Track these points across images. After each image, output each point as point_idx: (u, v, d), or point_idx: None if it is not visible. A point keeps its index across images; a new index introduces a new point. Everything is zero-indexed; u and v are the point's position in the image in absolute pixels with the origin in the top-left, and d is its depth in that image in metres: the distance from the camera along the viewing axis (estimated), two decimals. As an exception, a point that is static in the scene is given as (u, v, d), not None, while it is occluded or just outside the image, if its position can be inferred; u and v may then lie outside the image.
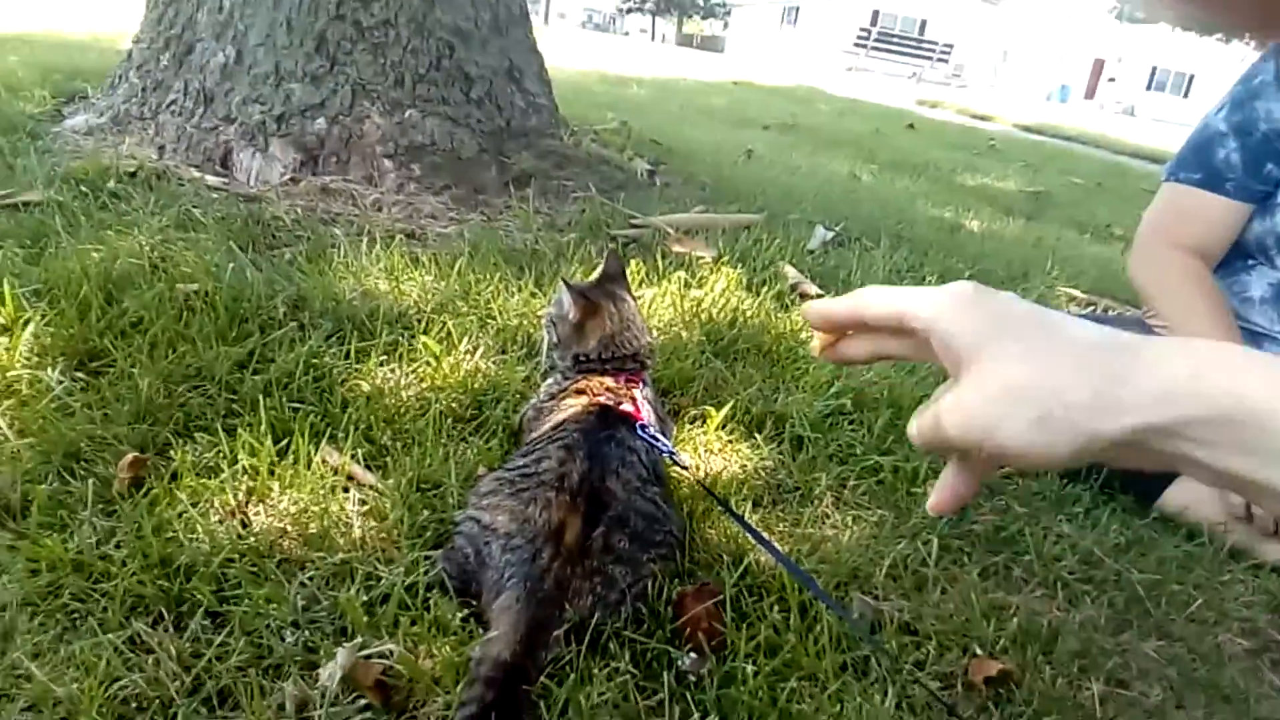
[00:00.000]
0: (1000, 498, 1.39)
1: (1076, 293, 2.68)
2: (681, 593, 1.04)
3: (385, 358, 1.49)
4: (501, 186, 2.57)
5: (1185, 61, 35.69)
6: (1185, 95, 36.12)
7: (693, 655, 0.97)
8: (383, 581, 1.01)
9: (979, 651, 1.04)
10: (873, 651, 1.00)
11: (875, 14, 35.11)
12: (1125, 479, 1.42)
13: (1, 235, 1.72)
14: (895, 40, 27.20)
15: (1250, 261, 1.54)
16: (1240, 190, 1.48)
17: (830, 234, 2.72)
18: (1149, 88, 36.93)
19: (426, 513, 1.12)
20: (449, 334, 1.57)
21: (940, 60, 25.29)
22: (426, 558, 1.04)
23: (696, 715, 0.89)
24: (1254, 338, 1.50)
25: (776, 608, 1.05)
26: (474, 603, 0.96)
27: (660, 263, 2.05)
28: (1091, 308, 2.59)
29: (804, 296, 2.11)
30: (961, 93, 20.61)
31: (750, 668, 0.93)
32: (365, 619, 0.95)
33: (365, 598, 0.98)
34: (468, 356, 1.51)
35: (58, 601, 0.92)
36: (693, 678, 0.95)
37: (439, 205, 2.39)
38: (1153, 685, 1.04)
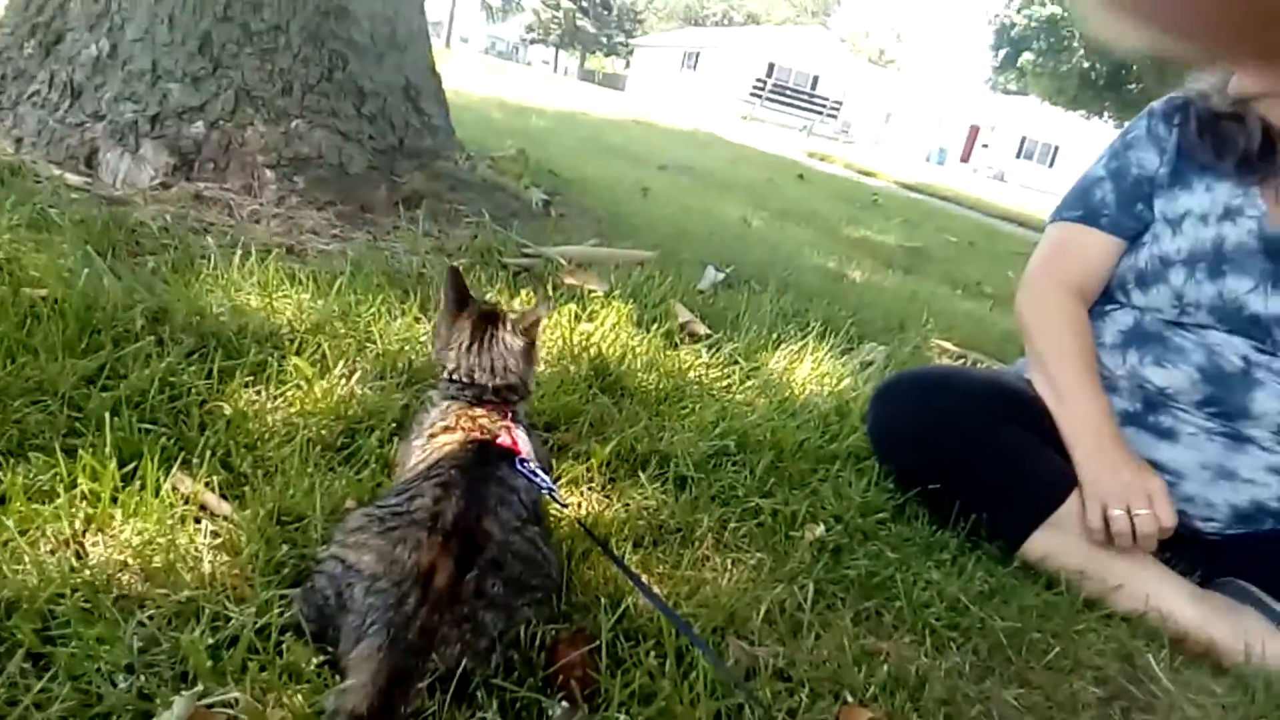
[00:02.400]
0: (874, 543, 1.41)
1: (949, 345, 2.80)
2: (555, 638, 1.00)
3: (251, 379, 1.40)
4: (390, 206, 2.49)
5: (1052, 134, 38.53)
6: (1050, 165, 38.94)
7: (564, 704, 0.94)
8: (232, 622, 0.93)
9: (850, 699, 1.04)
10: (746, 699, 0.99)
11: (771, 66, 36.48)
12: (992, 527, 1.47)
13: None
14: (789, 93, 28.24)
15: (1109, 306, 1.64)
16: (1114, 225, 1.61)
17: (721, 275, 2.76)
18: (1018, 156, 39.64)
19: (286, 548, 1.05)
20: (324, 356, 1.49)
21: (830, 116, 26.40)
22: (282, 597, 0.96)
23: (564, 769, 0.85)
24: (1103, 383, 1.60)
25: (653, 653, 1.02)
26: (331, 649, 0.90)
27: (551, 294, 2.03)
28: (962, 360, 2.71)
29: (693, 336, 2.13)
30: (849, 148, 21.55)
31: (623, 717, 0.90)
32: (209, 663, 0.87)
33: (211, 640, 0.90)
34: (342, 381, 1.44)
35: None
36: (561, 723, 0.91)
37: (322, 221, 2.29)
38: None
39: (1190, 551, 1.50)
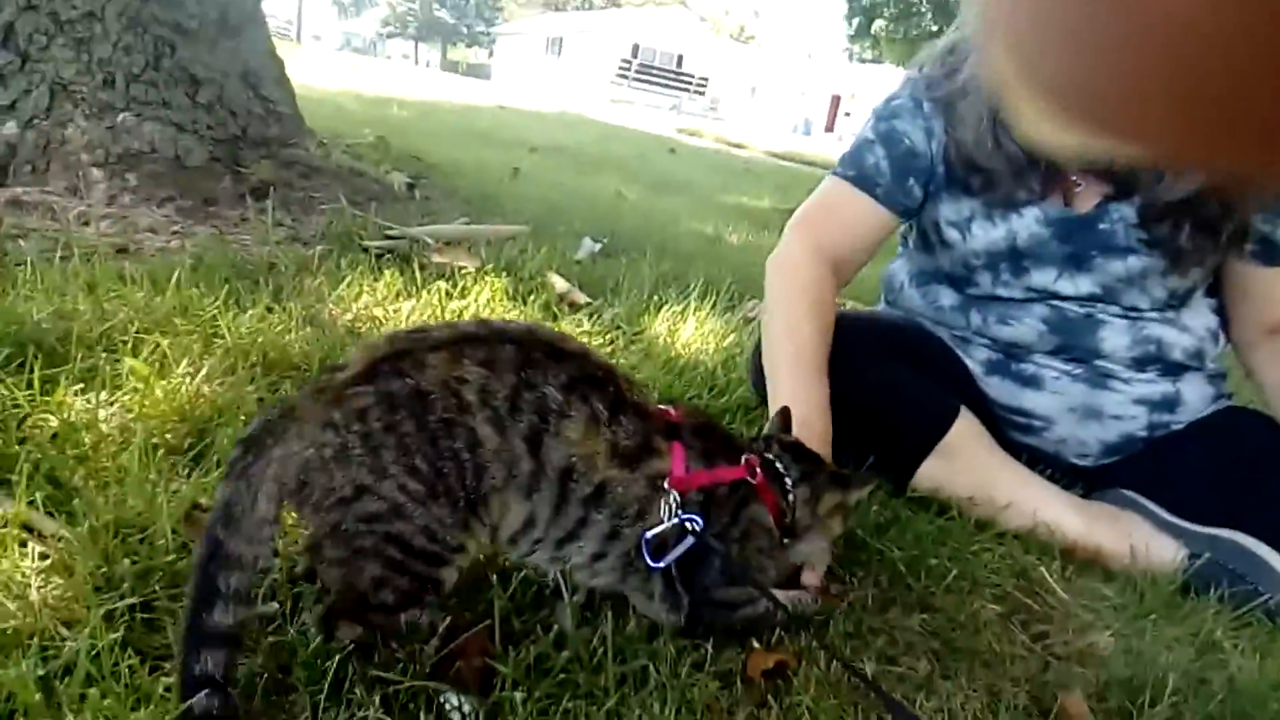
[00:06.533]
0: (770, 490, 1.39)
1: (828, 297, 2.82)
2: (449, 624, 0.93)
3: (81, 386, 1.26)
4: (237, 198, 2.33)
5: (908, 99, 39.77)
6: (908, 129, 40.22)
7: (459, 694, 0.86)
8: (67, 649, 0.82)
9: (756, 645, 1.01)
10: (650, 658, 0.94)
11: (635, 47, 36.54)
12: (881, 463, 1.47)
13: None
14: (655, 72, 28.36)
15: (936, 283, 1.66)
16: (888, 197, 1.55)
17: (597, 245, 2.70)
18: (879, 122, 40.75)
19: (127, 561, 0.94)
20: (164, 356, 1.36)
21: (698, 93, 26.65)
22: (117, 614, 0.86)
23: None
24: (961, 342, 1.62)
25: (555, 626, 0.97)
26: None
27: (419, 274, 1.92)
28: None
29: (572, 305, 2.06)
30: (718, 124, 21.82)
31: (519, 695, 0.84)
32: (38, 697, 0.76)
33: (41, 672, 0.79)
34: (187, 379, 1.31)
35: None
36: (458, 717, 0.84)
37: (161, 218, 2.11)
38: (919, 658, 1.06)
39: (1068, 478, 1.54)
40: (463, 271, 2.00)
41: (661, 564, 0.93)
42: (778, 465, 1.05)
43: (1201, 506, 1.39)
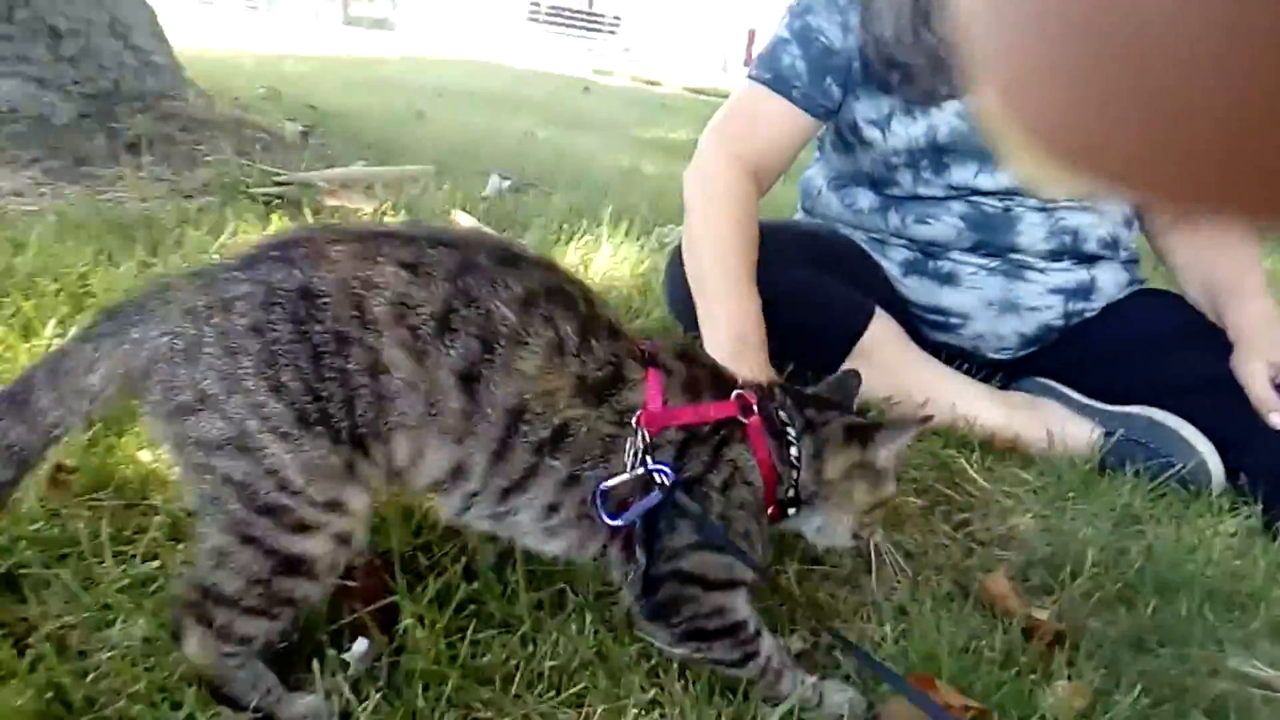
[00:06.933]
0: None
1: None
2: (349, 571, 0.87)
3: (-65, 358, 1.16)
4: (112, 156, 2.17)
5: (820, 27, 39.55)
6: (824, 57, 40.12)
7: (360, 641, 0.81)
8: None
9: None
10: (567, 582, 0.91)
11: (544, -12, 35.49)
12: (800, 369, 1.45)
13: None
14: (567, 14, 27.68)
15: (853, 184, 1.64)
16: (805, 99, 1.48)
17: (506, 182, 2.62)
18: (794, 52, 40.47)
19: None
20: (27, 318, 1.25)
21: (610, 32, 26.13)
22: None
23: (360, 705, 0.73)
24: (878, 245, 1.60)
25: (464, 558, 0.92)
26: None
27: (311, 219, 1.82)
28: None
29: (480, 242, 1.99)
30: (634, 64, 21.40)
31: (420, 631, 0.79)
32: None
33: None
34: (57, 339, 1.21)
35: None
36: (364, 666, 0.78)
37: (26, 180, 1.96)
38: (844, 557, 1.05)
39: (986, 372, 1.55)
40: (359, 214, 1.91)
41: (620, 521, 0.76)
42: (780, 414, 0.86)
43: (1115, 387, 1.40)
